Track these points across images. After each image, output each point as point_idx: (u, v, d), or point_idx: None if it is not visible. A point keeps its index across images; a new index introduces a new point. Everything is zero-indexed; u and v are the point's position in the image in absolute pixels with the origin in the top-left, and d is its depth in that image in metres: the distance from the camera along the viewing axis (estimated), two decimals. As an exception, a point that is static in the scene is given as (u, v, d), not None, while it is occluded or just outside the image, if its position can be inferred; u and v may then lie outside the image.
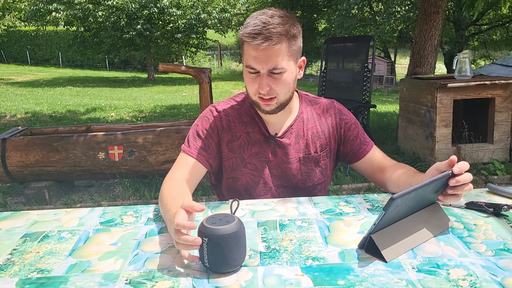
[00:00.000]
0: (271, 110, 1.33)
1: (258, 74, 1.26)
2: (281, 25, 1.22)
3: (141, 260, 1.01)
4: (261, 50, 1.21)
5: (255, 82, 1.28)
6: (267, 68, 1.24)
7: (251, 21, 1.24)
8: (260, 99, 1.30)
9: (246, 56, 1.26)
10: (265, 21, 1.21)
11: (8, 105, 9.51)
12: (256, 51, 1.22)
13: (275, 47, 1.21)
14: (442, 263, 0.95)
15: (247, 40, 1.22)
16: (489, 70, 5.02)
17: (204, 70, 3.91)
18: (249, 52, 1.24)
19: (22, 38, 24.93)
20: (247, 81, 1.31)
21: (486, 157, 4.26)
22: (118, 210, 1.32)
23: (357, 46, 5.33)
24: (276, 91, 1.28)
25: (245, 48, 1.26)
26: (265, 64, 1.23)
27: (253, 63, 1.24)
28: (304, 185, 1.47)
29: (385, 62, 17.83)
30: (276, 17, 1.23)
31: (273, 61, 1.23)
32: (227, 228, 0.92)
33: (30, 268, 0.99)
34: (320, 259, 0.99)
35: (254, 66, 1.25)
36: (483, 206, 1.20)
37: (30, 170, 3.72)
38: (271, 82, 1.26)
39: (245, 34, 1.22)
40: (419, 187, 0.97)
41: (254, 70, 1.25)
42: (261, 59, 1.23)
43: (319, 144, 1.45)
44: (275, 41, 1.21)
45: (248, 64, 1.26)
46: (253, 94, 1.31)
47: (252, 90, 1.30)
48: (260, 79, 1.26)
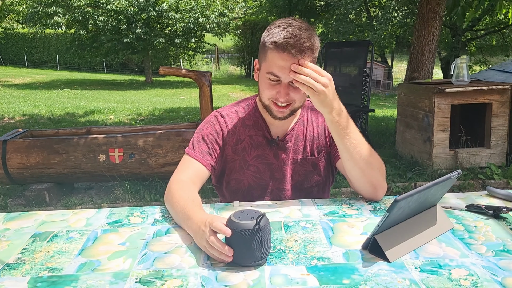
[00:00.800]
0: (284, 116, 1.35)
1: (278, 82, 1.29)
2: (309, 39, 1.24)
3: (149, 259, 1.03)
4: (289, 60, 1.23)
5: (273, 88, 1.30)
6: (290, 78, 1.26)
7: (278, 31, 1.25)
8: (274, 105, 1.33)
9: (270, 63, 1.27)
10: (295, 34, 1.23)
11: (6, 107, 9.50)
12: (283, 61, 1.24)
13: (305, 58, 1.24)
14: (444, 263, 0.98)
15: (277, 50, 1.24)
16: (486, 75, 5.07)
17: (204, 73, 3.93)
18: (275, 61, 1.25)
19: (19, 40, 24.88)
20: (264, 86, 1.32)
21: (483, 162, 4.30)
22: (125, 211, 1.34)
23: (356, 51, 5.37)
24: (293, 99, 1.31)
25: (271, 56, 1.26)
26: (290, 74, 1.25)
27: (278, 71, 1.26)
28: (302, 186, 1.50)
29: (382, 67, 17.89)
30: (304, 30, 1.25)
31: None
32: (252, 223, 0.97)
33: (41, 267, 1.01)
34: (325, 259, 1.01)
35: (278, 75, 1.27)
36: (483, 209, 1.23)
37: (30, 172, 3.73)
38: (290, 91, 1.29)
39: (276, 43, 1.24)
40: (422, 189, 1.00)
41: (277, 78, 1.28)
42: (287, 69, 1.24)
43: (316, 146, 1.49)
44: (306, 53, 1.23)
45: (271, 71, 1.27)
46: (268, 98, 1.33)
47: (268, 95, 1.32)
48: (280, 87, 1.29)
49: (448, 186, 1.13)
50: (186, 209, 1.18)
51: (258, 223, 0.97)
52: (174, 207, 1.24)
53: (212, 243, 1.00)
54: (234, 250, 0.99)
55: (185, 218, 1.16)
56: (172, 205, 1.26)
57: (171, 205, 1.27)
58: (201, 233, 1.05)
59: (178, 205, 1.22)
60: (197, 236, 1.08)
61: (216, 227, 1.00)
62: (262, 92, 1.35)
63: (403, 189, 3.98)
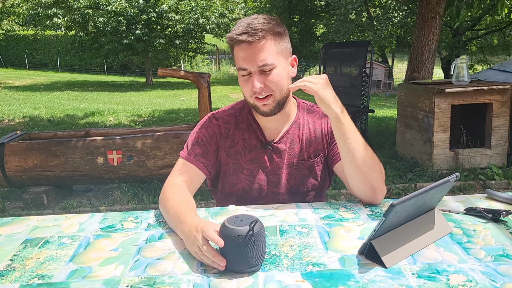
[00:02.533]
0: (270, 110, 1.33)
1: (250, 75, 1.29)
2: (265, 23, 1.26)
3: (142, 266, 1.01)
4: (248, 48, 1.25)
5: (248, 83, 1.30)
6: (257, 65, 1.25)
7: (237, 25, 1.28)
8: (257, 100, 1.31)
9: (237, 59, 1.29)
10: (247, 22, 1.26)
11: (6, 109, 9.50)
12: (243, 51, 1.26)
13: (261, 42, 1.25)
14: (441, 268, 0.96)
15: (235, 42, 1.26)
16: (487, 75, 5.04)
17: (203, 75, 3.91)
18: (238, 54, 1.27)
19: (20, 42, 24.91)
20: (242, 85, 1.33)
21: (484, 162, 4.27)
22: (118, 215, 1.32)
23: (355, 51, 5.35)
24: (270, 88, 1.29)
25: (235, 52, 1.29)
26: (254, 61, 1.25)
27: (243, 63, 1.27)
28: (298, 190, 1.48)
29: (383, 67, 17.87)
30: (260, 18, 1.27)
31: (261, 57, 1.25)
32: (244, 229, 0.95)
33: (31, 274, 0.99)
34: (321, 265, 0.99)
35: (244, 66, 1.27)
36: (482, 212, 1.21)
37: (28, 175, 3.71)
38: (263, 79, 1.28)
39: (231, 37, 1.26)
40: (419, 193, 0.98)
41: (246, 70, 1.28)
42: (250, 58, 1.25)
43: (313, 149, 1.46)
44: (260, 35, 1.24)
45: (239, 66, 1.29)
46: (249, 96, 1.32)
47: (247, 92, 1.32)
48: (252, 78, 1.28)
49: (446, 189, 1.11)
50: (179, 212, 1.17)
51: (252, 229, 0.95)
52: (168, 211, 1.22)
53: (206, 252, 0.98)
54: (227, 256, 0.97)
55: (178, 221, 1.14)
56: (165, 209, 1.25)
57: (164, 209, 1.26)
58: (192, 238, 1.04)
59: (171, 209, 1.21)
60: (189, 241, 1.06)
61: (209, 236, 0.98)
62: (244, 92, 1.35)
63: (403, 190, 3.96)
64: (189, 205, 1.21)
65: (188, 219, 1.12)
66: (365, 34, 16.21)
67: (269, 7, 21.63)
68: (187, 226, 1.09)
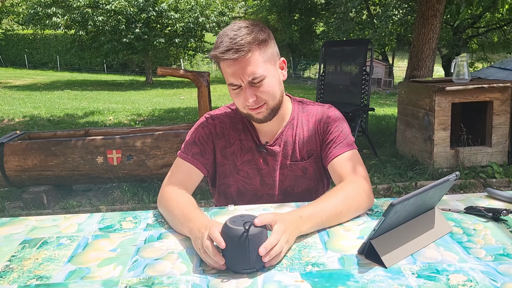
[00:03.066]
0: (264, 117, 1.32)
1: (241, 88, 1.27)
2: (248, 34, 1.22)
3: (140, 266, 1.00)
4: (235, 64, 1.22)
5: (240, 96, 1.28)
6: (246, 79, 1.24)
7: (219, 40, 1.24)
8: (250, 110, 1.30)
9: (225, 74, 1.27)
10: (232, 36, 1.22)
11: (6, 109, 9.50)
12: (231, 67, 1.23)
13: (247, 56, 1.22)
14: (442, 268, 0.95)
15: (221, 59, 1.23)
16: (487, 73, 5.03)
17: (202, 74, 3.91)
18: (226, 70, 1.25)
19: (20, 42, 24.93)
20: (233, 97, 1.31)
21: (485, 160, 4.27)
22: (117, 215, 1.32)
23: (355, 50, 5.34)
24: (263, 98, 1.28)
25: (222, 67, 1.27)
26: (243, 76, 1.23)
27: (232, 79, 1.25)
28: (293, 191, 1.47)
29: (383, 65, 17.87)
30: (243, 29, 1.23)
31: (249, 71, 1.23)
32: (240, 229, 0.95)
33: (29, 275, 0.99)
34: (320, 265, 0.99)
35: (234, 82, 1.25)
36: (482, 211, 1.20)
37: (28, 175, 3.71)
38: (255, 91, 1.26)
39: (217, 54, 1.22)
40: (418, 193, 0.97)
41: (236, 86, 1.26)
42: (238, 73, 1.23)
43: (306, 150, 1.44)
44: (245, 50, 1.21)
45: (229, 82, 1.27)
46: (242, 108, 1.31)
47: (240, 104, 1.31)
48: (243, 92, 1.26)
49: (446, 188, 1.11)
50: (186, 211, 1.16)
51: (247, 230, 0.94)
52: (171, 211, 1.21)
53: (206, 248, 0.98)
54: (226, 255, 0.97)
55: (186, 220, 1.13)
56: (167, 209, 1.24)
57: (166, 209, 1.25)
58: (200, 235, 1.03)
59: (176, 209, 1.20)
60: (197, 239, 1.05)
61: (212, 235, 0.98)
62: (236, 104, 1.34)
63: (403, 189, 3.95)
64: (194, 205, 1.21)
65: (198, 217, 1.11)
66: (365, 32, 16.19)
67: (269, 6, 21.62)
68: (196, 225, 1.08)
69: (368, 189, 1.27)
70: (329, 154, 1.39)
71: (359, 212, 1.24)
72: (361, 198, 1.24)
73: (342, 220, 1.19)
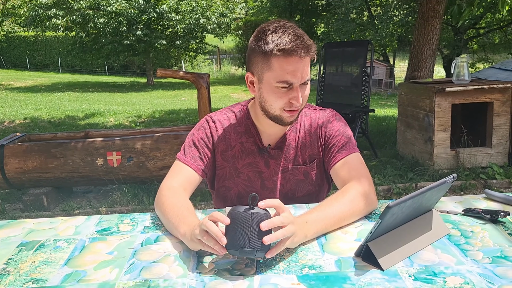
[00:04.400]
0: (294, 120, 1.32)
1: (290, 87, 1.24)
2: (308, 37, 1.23)
3: (137, 269, 1.00)
4: (299, 63, 1.20)
5: (285, 96, 1.25)
6: (303, 79, 1.23)
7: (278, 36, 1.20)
8: (286, 112, 1.28)
9: (278, 72, 1.22)
10: (298, 34, 1.20)
11: (7, 111, 9.51)
12: (294, 65, 1.20)
13: (309, 58, 1.22)
14: (439, 271, 0.95)
15: (287, 55, 1.19)
16: (487, 74, 5.02)
17: (202, 75, 3.91)
18: (285, 67, 1.20)
19: (21, 44, 24.97)
20: (274, 97, 1.26)
21: (485, 161, 4.26)
22: (114, 218, 1.32)
23: (356, 51, 5.34)
24: (303, 101, 1.28)
25: (277, 64, 1.21)
26: (301, 75, 1.22)
27: (290, 77, 1.21)
28: (294, 195, 1.46)
29: (384, 66, 17.85)
30: (300, 30, 1.23)
31: (306, 71, 1.23)
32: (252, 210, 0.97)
33: (25, 278, 0.98)
34: (317, 267, 0.98)
35: (292, 80, 1.22)
36: (480, 213, 1.20)
37: (28, 177, 3.71)
38: (301, 93, 1.26)
39: (284, 49, 1.19)
40: (415, 195, 0.97)
41: (288, 84, 1.23)
42: (299, 71, 1.21)
43: (308, 154, 1.44)
44: (312, 50, 1.22)
45: (283, 80, 1.22)
46: (279, 108, 1.28)
47: (280, 105, 1.27)
48: (294, 92, 1.24)
49: (444, 190, 1.10)
50: (180, 216, 1.15)
51: (251, 207, 0.96)
52: (165, 214, 1.21)
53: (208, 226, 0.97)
54: (228, 235, 0.97)
55: (180, 223, 1.13)
56: (163, 212, 1.23)
57: (162, 212, 1.24)
58: (194, 234, 1.03)
59: (171, 212, 1.19)
60: (191, 235, 1.04)
61: (214, 215, 0.99)
62: (272, 104, 1.28)
63: (403, 190, 3.95)
64: (189, 209, 1.20)
65: (193, 221, 1.11)
66: (366, 33, 16.18)
67: (269, 7, 21.62)
68: (189, 227, 1.08)
69: (370, 192, 1.27)
70: (332, 158, 1.38)
71: (362, 215, 1.24)
72: (364, 202, 1.23)
73: (345, 224, 1.19)
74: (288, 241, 1.00)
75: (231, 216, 0.98)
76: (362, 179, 1.29)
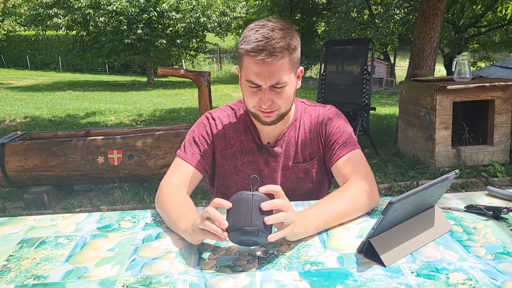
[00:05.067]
0: (271, 121, 1.31)
1: (259, 88, 1.24)
2: (283, 39, 1.19)
3: (138, 266, 1.00)
4: (264, 66, 1.19)
5: (255, 96, 1.25)
6: (270, 83, 1.22)
7: (251, 34, 1.20)
8: (260, 111, 1.28)
9: (247, 70, 1.23)
10: (267, 35, 1.18)
11: (8, 110, 9.51)
12: (258, 66, 1.19)
13: (279, 62, 1.19)
14: (441, 267, 0.95)
15: (250, 55, 1.19)
16: (489, 72, 5.02)
17: (203, 73, 3.90)
18: (251, 67, 1.21)
19: (22, 43, 24.96)
20: (246, 94, 1.28)
21: (486, 159, 4.25)
22: (115, 215, 1.31)
23: (356, 49, 5.34)
24: (278, 104, 1.26)
25: (246, 62, 1.22)
26: (268, 79, 1.21)
27: (255, 78, 1.22)
28: (294, 193, 1.45)
29: (385, 65, 17.84)
30: (277, 30, 1.19)
31: (276, 76, 1.21)
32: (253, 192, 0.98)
33: (26, 274, 0.98)
34: (319, 263, 0.98)
35: (256, 82, 1.22)
36: (482, 209, 1.19)
37: (29, 175, 3.71)
38: (273, 96, 1.24)
39: (247, 48, 1.19)
40: (417, 191, 0.97)
41: (256, 85, 1.23)
42: (264, 75, 1.20)
43: (308, 152, 1.43)
44: (279, 56, 1.18)
45: (249, 79, 1.23)
46: (252, 107, 1.29)
47: (251, 103, 1.28)
48: (261, 93, 1.24)
49: (446, 186, 1.10)
50: (180, 213, 1.15)
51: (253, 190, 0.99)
52: (166, 211, 1.20)
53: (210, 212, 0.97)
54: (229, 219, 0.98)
55: (180, 220, 1.12)
56: (163, 209, 1.23)
57: (162, 210, 1.24)
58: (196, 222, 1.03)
59: (171, 209, 1.19)
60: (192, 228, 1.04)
61: (215, 201, 0.99)
62: (246, 101, 1.31)
63: (405, 188, 3.94)
64: (190, 206, 1.19)
65: (189, 217, 1.11)
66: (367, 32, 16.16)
67: (270, 6, 21.61)
68: (189, 222, 1.08)
69: (372, 189, 1.26)
70: (333, 155, 1.37)
71: (364, 212, 1.24)
72: (366, 198, 1.23)
73: (347, 220, 1.19)
74: (288, 229, 1.00)
75: (232, 200, 0.99)
76: (364, 176, 1.29)
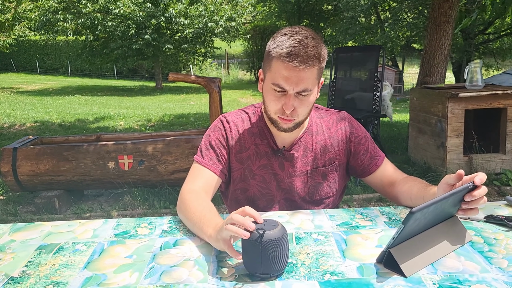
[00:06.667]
0: (288, 128, 1.31)
1: (284, 93, 1.24)
2: (316, 48, 1.20)
3: (157, 273, 1.00)
4: (294, 71, 1.19)
5: (279, 101, 1.25)
6: (297, 89, 1.22)
7: (285, 39, 1.20)
8: (279, 118, 1.28)
9: (275, 74, 1.23)
10: (302, 42, 1.19)
11: (18, 114, 9.58)
12: (289, 71, 1.20)
13: (309, 70, 1.20)
14: (463, 278, 0.94)
15: (282, 59, 1.19)
16: (500, 79, 4.99)
17: (214, 79, 3.91)
18: (281, 71, 1.21)
19: (31, 48, 25.17)
20: (269, 98, 1.28)
21: (498, 168, 4.21)
22: (132, 221, 1.32)
23: (366, 56, 5.32)
24: (298, 113, 1.27)
25: (275, 66, 1.22)
26: (296, 85, 1.21)
27: (283, 82, 1.21)
28: (312, 199, 1.45)
29: (393, 71, 17.79)
30: (310, 39, 1.20)
31: (304, 83, 1.21)
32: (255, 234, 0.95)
33: (45, 280, 0.98)
34: (339, 273, 0.97)
35: (283, 86, 1.22)
36: (503, 220, 1.18)
37: (40, 179, 3.73)
38: (296, 102, 1.24)
39: (281, 53, 1.19)
40: (438, 200, 0.96)
41: (282, 89, 1.23)
42: (293, 80, 1.20)
43: (328, 157, 1.43)
44: (310, 64, 1.19)
45: (276, 83, 1.22)
46: (274, 112, 1.29)
47: (274, 108, 1.28)
48: (286, 99, 1.24)
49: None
50: (204, 219, 1.15)
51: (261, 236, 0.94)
52: (190, 218, 1.21)
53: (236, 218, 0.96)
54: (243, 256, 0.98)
55: (204, 226, 1.12)
56: (186, 216, 1.23)
57: (185, 216, 1.24)
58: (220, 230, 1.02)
59: (194, 215, 1.19)
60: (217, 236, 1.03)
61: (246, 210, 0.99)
62: (267, 105, 1.30)
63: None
64: (212, 211, 1.19)
65: (214, 222, 1.11)
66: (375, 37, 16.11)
67: (278, 12, 21.65)
68: (214, 228, 1.07)
69: None
70: (371, 165, 1.44)
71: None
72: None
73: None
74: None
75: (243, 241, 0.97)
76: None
